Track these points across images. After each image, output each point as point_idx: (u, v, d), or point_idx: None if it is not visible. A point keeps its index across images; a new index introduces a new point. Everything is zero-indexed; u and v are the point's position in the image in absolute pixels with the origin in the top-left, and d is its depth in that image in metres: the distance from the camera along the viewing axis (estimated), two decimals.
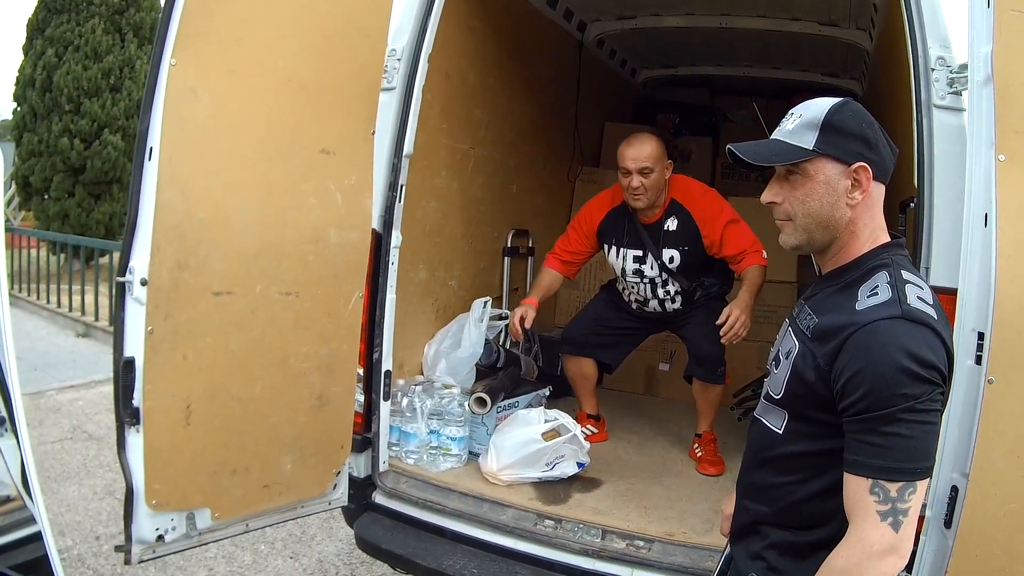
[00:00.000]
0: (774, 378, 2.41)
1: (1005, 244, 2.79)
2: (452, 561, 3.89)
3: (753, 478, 2.51)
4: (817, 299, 2.37)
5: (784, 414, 2.35)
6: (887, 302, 2.12)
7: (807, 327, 2.30)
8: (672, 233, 4.96)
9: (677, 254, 4.96)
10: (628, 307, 5.35)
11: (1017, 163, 2.81)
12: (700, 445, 5.05)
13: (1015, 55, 2.84)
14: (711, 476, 4.79)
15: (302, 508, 3.92)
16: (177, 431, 3.30)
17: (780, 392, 2.34)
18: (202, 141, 3.23)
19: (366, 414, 4.19)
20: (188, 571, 5.37)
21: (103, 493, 6.57)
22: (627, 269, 5.11)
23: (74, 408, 8.97)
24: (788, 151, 2.27)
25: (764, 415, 2.47)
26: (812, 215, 2.27)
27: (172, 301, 3.20)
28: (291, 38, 3.46)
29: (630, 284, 5.18)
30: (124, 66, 18.20)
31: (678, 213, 4.96)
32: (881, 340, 2.06)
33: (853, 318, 2.13)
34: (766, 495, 2.41)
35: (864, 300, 2.16)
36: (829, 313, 2.25)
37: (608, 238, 5.17)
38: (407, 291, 4.55)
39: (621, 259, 5.11)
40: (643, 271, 5.07)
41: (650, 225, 5.01)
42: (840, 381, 2.10)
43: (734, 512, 2.64)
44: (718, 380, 5.08)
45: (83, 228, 18.02)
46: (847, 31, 6.10)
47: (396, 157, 4.10)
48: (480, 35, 5.18)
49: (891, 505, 2.02)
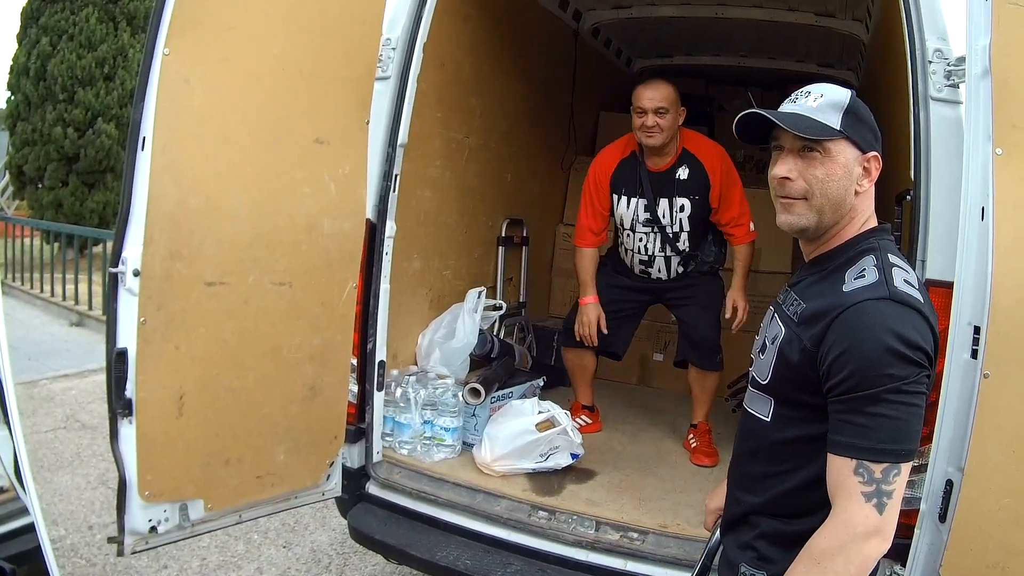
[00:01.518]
0: (759, 364, 2.41)
1: (1002, 238, 2.79)
2: (445, 552, 3.88)
3: (744, 468, 2.52)
4: (803, 285, 2.39)
5: (770, 401, 2.37)
6: (874, 284, 2.14)
7: (794, 313, 2.31)
8: (683, 182, 4.96)
9: (688, 203, 4.96)
10: (625, 279, 5.30)
11: (1014, 157, 2.81)
12: (695, 436, 5.05)
13: (1013, 48, 2.83)
14: (705, 467, 4.78)
15: (295, 499, 3.91)
16: (170, 422, 3.29)
17: (767, 377, 2.35)
18: (195, 130, 3.22)
19: (360, 404, 4.17)
20: (181, 560, 5.37)
21: (96, 482, 6.56)
22: (638, 219, 5.07)
23: (67, 397, 8.97)
24: (818, 127, 2.24)
25: (751, 404, 2.48)
26: (828, 196, 2.26)
27: (165, 291, 3.19)
28: (285, 27, 3.45)
29: (637, 238, 5.12)
30: (118, 55, 18.16)
31: (689, 162, 4.96)
32: (868, 321, 2.09)
33: (840, 300, 2.16)
34: (756, 485, 2.42)
35: (851, 282, 2.19)
36: (816, 298, 2.26)
37: (619, 188, 5.11)
38: (401, 281, 4.54)
39: (632, 209, 5.06)
40: (653, 221, 5.03)
41: (661, 173, 5.00)
42: (826, 361, 2.12)
43: (725, 503, 2.65)
44: (716, 367, 5.10)
45: (77, 217, 18.01)
46: (843, 22, 6.10)
47: (390, 146, 4.09)
48: (475, 24, 5.17)
49: (875, 487, 2.03)
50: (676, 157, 4.97)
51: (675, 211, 4.97)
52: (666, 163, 4.97)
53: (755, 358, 2.47)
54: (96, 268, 13.11)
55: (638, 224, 5.07)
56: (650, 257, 5.15)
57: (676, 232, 5.03)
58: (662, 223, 5.00)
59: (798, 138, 2.26)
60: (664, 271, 5.17)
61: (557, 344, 6.37)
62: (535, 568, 3.79)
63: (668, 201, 4.98)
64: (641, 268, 5.23)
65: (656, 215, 4.99)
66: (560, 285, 7.12)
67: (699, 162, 4.95)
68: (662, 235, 5.05)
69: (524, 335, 6.33)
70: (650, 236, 5.08)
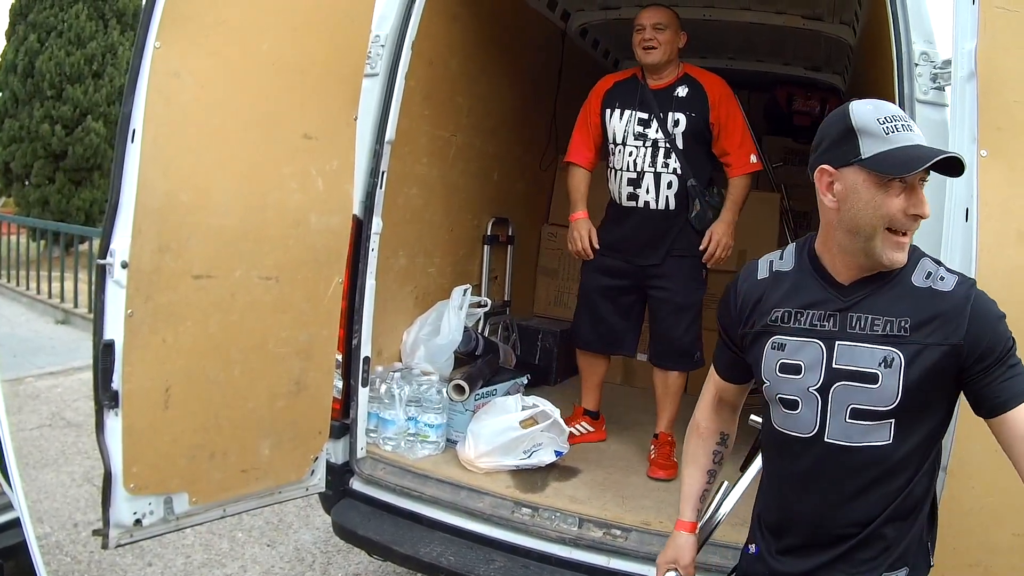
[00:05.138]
0: (870, 395, 2.29)
1: (986, 239, 2.84)
2: (429, 548, 3.89)
3: (849, 506, 2.38)
4: (868, 303, 2.32)
5: (891, 423, 2.30)
6: (962, 280, 2.31)
7: (899, 328, 2.27)
8: (682, 99, 4.93)
9: (684, 118, 4.89)
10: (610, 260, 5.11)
11: (999, 159, 2.85)
12: (655, 446, 4.91)
13: (999, 51, 2.87)
14: (660, 480, 4.59)
15: (280, 493, 3.92)
16: (156, 414, 3.30)
17: (893, 402, 2.27)
18: (185, 124, 3.23)
19: (344, 400, 4.18)
20: (166, 558, 5.37)
21: (81, 480, 6.56)
22: (630, 132, 4.99)
23: (53, 395, 8.94)
24: None
25: (860, 438, 2.33)
26: None
27: (153, 284, 3.20)
28: (275, 22, 3.47)
29: (628, 152, 5.00)
30: (107, 52, 18.13)
31: (690, 84, 4.96)
32: (988, 304, 2.27)
33: (957, 297, 2.26)
34: (872, 507, 2.35)
35: (939, 283, 2.29)
36: (909, 305, 2.28)
37: (614, 103, 5.09)
38: (387, 277, 4.55)
39: (625, 122, 5.01)
40: (647, 134, 4.95)
41: (660, 90, 4.99)
42: (982, 343, 2.21)
43: (805, 553, 2.48)
44: (681, 366, 5.03)
45: (64, 215, 17.97)
46: (831, 25, 6.11)
47: (378, 143, 4.10)
48: (463, 23, 5.18)
49: None
50: (677, 78, 4.99)
51: (670, 125, 4.92)
52: (666, 81, 4.97)
53: (844, 390, 2.34)
54: (82, 266, 13.07)
55: (629, 136, 5.00)
56: (639, 174, 4.98)
57: (668, 148, 4.92)
58: (652, 138, 4.95)
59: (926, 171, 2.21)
60: (653, 194, 4.96)
61: (541, 342, 6.40)
62: (518, 564, 3.80)
63: (664, 115, 4.92)
64: (629, 192, 5.02)
65: (646, 132, 4.96)
66: (545, 284, 7.13)
67: (699, 83, 4.96)
68: (652, 148, 4.95)
69: (509, 333, 6.34)
70: (640, 150, 4.97)
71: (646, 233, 4.99)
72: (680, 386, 5.08)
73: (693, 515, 2.91)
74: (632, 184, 5.01)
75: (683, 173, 4.91)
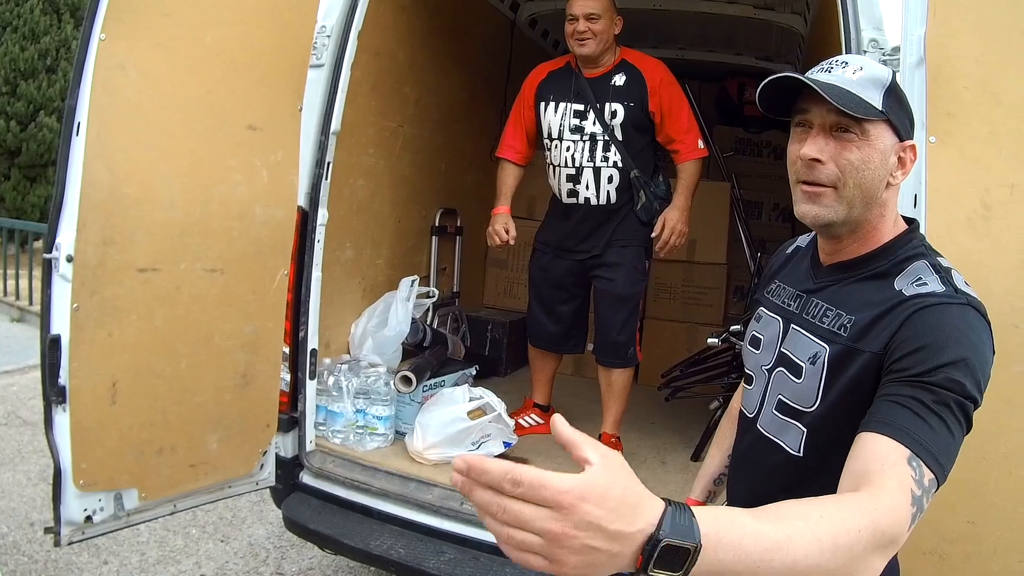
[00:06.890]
0: (794, 388, 2.09)
1: (935, 225, 2.85)
2: (379, 541, 3.89)
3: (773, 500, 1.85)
4: (832, 291, 2.10)
5: (802, 432, 2.06)
6: (945, 293, 1.87)
7: (839, 326, 2.00)
8: (619, 88, 4.80)
9: (621, 108, 4.77)
10: (551, 256, 5.11)
11: (947, 145, 2.88)
12: None
13: (948, 37, 2.90)
14: None
15: (229, 488, 3.92)
16: (103, 409, 3.30)
17: (813, 404, 2.02)
18: (130, 117, 3.23)
19: (292, 393, 4.16)
20: (121, 556, 5.34)
21: (37, 479, 6.51)
22: (566, 126, 4.88)
23: (8, 394, 8.88)
24: (861, 104, 1.91)
25: (775, 433, 2.16)
26: (862, 186, 1.95)
27: (98, 277, 3.20)
28: (220, 13, 3.47)
29: (565, 147, 4.89)
30: (60, 47, 17.94)
31: (627, 71, 4.84)
32: (953, 322, 1.81)
33: (911, 300, 1.87)
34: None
35: (912, 288, 1.91)
36: (864, 308, 1.96)
37: (548, 96, 4.99)
38: (334, 269, 4.56)
39: (560, 115, 4.90)
40: (583, 127, 4.83)
41: (596, 79, 4.88)
42: (896, 354, 1.82)
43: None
44: (622, 363, 4.95)
45: (18, 212, 17.78)
46: (782, 15, 6.14)
47: (323, 134, 4.08)
48: (411, 13, 5.18)
49: (921, 493, 1.62)
50: (614, 64, 4.88)
51: (607, 116, 4.81)
52: (602, 69, 4.89)
53: (780, 377, 2.16)
54: (37, 263, 12.86)
55: (566, 131, 4.89)
56: (577, 170, 4.87)
57: (607, 141, 4.81)
58: (589, 131, 4.84)
59: (836, 113, 1.91)
60: (593, 190, 4.86)
61: (491, 333, 6.44)
62: (468, 556, 3.79)
63: (600, 105, 4.81)
64: (569, 189, 4.93)
65: (582, 125, 4.86)
66: (494, 275, 7.17)
67: (637, 70, 4.82)
68: (591, 142, 4.84)
69: (458, 324, 6.35)
70: (577, 144, 4.86)
71: (588, 226, 4.97)
72: (624, 385, 4.98)
73: (702, 495, 2.78)
74: (571, 180, 4.93)
75: (624, 165, 4.84)
